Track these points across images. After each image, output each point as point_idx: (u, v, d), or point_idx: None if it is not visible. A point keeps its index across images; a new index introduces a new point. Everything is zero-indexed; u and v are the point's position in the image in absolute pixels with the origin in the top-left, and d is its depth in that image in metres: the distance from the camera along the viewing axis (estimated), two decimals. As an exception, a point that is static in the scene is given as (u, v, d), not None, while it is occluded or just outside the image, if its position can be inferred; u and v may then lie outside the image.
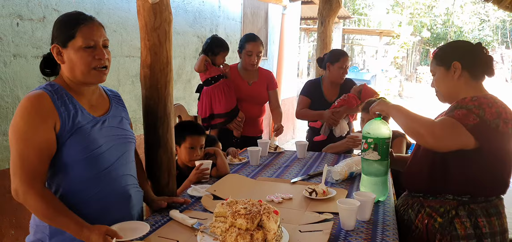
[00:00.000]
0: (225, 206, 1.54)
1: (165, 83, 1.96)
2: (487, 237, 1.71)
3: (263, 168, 2.57)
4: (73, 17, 1.55)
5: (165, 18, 1.90)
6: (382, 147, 1.87)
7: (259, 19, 6.62)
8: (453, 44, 1.93)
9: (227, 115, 3.19)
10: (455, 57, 1.79)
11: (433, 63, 1.89)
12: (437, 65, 1.86)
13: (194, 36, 4.60)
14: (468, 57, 1.79)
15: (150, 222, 1.70)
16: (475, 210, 1.72)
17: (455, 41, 1.98)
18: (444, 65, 1.82)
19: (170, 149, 2.03)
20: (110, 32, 3.33)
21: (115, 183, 1.64)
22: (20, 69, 2.56)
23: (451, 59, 1.79)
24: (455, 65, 1.78)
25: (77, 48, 1.52)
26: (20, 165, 1.47)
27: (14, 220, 2.59)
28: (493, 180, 1.74)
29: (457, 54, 1.80)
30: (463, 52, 1.81)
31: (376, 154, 1.88)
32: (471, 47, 1.82)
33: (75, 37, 1.52)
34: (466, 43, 1.88)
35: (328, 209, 1.81)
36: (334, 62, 3.30)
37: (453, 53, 1.82)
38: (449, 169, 1.74)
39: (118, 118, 1.72)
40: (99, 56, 1.55)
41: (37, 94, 1.50)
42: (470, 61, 1.78)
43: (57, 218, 1.49)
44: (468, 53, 1.80)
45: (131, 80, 3.60)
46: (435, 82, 1.88)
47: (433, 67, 1.88)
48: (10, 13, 2.48)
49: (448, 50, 1.86)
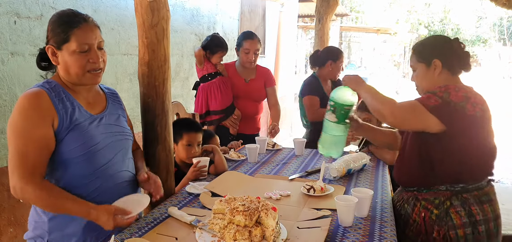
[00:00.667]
0: (224, 203, 1.54)
1: (163, 81, 1.97)
2: (481, 224, 1.77)
3: (261, 165, 2.58)
4: (67, 19, 1.53)
5: (163, 15, 1.91)
6: (340, 111, 2.04)
7: (257, 17, 6.62)
8: (432, 41, 1.96)
9: (223, 112, 3.20)
10: (435, 55, 1.85)
11: (413, 59, 1.94)
12: (417, 61, 1.91)
13: (191, 34, 4.59)
14: (447, 54, 1.85)
15: (148, 219, 1.70)
16: (468, 199, 1.78)
17: (434, 37, 2.01)
18: (425, 62, 1.88)
19: (168, 146, 2.03)
20: (108, 30, 3.33)
21: (112, 179, 1.65)
22: (17, 67, 2.56)
23: (432, 56, 1.86)
24: (435, 63, 1.85)
25: (72, 52, 1.52)
26: (19, 162, 1.47)
27: (12, 218, 2.59)
28: (478, 165, 1.80)
29: (437, 52, 1.86)
30: (442, 49, 1.87)
31: (334, 116, 2.05)
32: (450, 44, 1.88)
33: (69, 41, 1.51)
34: (445, 39, 1.93)
35: (326, 206, 1.81)
36: (337, 60, 3.39)
37: (433, 50, 1.88)
38: (434, 161, 1.80)
39: (115, 116, 1.73)
40: (93, 60, 1.55)
41: (35, 92, 1.50)
42: (449, 58, 1.85)
43: (61, 204, 1.49)
44: (448, 50, 1.86)
45: (129, 78, 3.60)
46: (416, 79, 1.94)
47: (414, 63, 1.94)
48: (8, 11, 2.48)
49: (428, 47, 1.91)
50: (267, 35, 6.98)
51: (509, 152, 7.20)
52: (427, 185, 1.85)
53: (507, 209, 4.05)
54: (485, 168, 1.83)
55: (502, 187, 5.13)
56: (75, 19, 1.53)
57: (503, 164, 6.27)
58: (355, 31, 20.00)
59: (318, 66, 3.46)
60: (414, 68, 1.94)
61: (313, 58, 3.54)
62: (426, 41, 1.98)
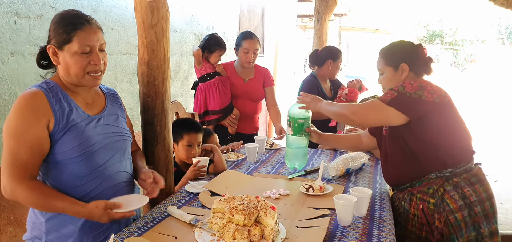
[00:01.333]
0: (223, 202, 1.55)
1: (162, 81, 1.97)
2: (476, 205, 1.83)
3: (260, 164, 2.58)
4: (70, 20, 1.53)
5: (163, 15, 1.91)
6: (294, 124, 2.33)
7: (256, 17, 6.63)
8: (399, 46, 2.06)
9: (221, 112, 3.21)
10: (402, 59, 1.99)
11: (381, 62, 2.07)
12: (385, 65, 2.04)
13: (191, 34, 4.60)
14: (413, 58, 1.99)
15: (148, 218, 1.71)
16: (459, 182, 1.85)
17: (400, 42, 2.10)
18: (393, 65, 2.02)
19: (167, 146, 2.04)
20: (107, 29, 3.33)
21: (109, 180, 1.65)
22: (17, 66, 2.56)
23: (399, 60, 1.99)
24: (402, 67, 1.99)
25: (73, 53, 1.52)
26: (10, 162, 1.48)
27: (12, 217, 2.59)
28: (457, 147, 1.89)
29: (404, 56, 2.00)
30: (409, 54, 2.00)
31: (290, 129, 2.35)
32: (415, 49, 2.02)
33: (71, 41, 1.52)
34: (410, 44, 2.06)
35: (325, 205, 1.82)
36: (336, 60, 3.44)
37: (400, 54, 2.01)
38: (415, 153, 1.89)
39: (113, 116, 1.73)
40: (94, 62, 1.55)
41: (32, 93, 1.51)
42: (415, 62, 1.99)
43: (51, 204, 1.50)
44: (414, 55, 2.00)
45: (129, 78, 3.60)
46: (384, 81, 2.07)
47: (382, 66, 2.06)
48: (8, 10, 2.48)
49: (396, 51, 2.03)
50: (266, 35, 6.99)
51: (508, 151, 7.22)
52: (418, 177, 1.91)
53: (507, 208, 4.07)
54: (465, 149, 1.92)
55: (502, 187, 5.14)
56: (78, 20, 1.53)
57: (502, 164, 6.30)
58: (354, 30, 20.00)
59: (317, 66, 3.48)
60: (382, 71, 2.07)
61: (312, 57, 3.55)
62: (394, 46, 2.08)
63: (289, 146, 2.40)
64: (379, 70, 2.09)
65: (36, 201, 1.50)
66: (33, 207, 1.54)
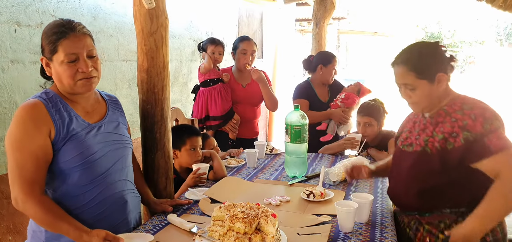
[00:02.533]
0: (223, 209, 1.54)
1: (162, 87, 1.97)
2: None
3: (260, 170, 2.58)
4: (55, 30, 1.52)
5: (162, 23, 1.91)
6: (291, 131, 2.32)
7: (255, 22, 6.64)
8: (428, 54, 1.69)
9: (222, 118, 3.22)
10: (438, 68, 1.66)
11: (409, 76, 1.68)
12: (418, 78, 1.66)
13: (190, 40, 4.61)
14: (446, 63, 1.68)
15: (148, 226, 1.71)
16: None
17: (427, 46, 1.75)
18: (428, 78, 1.66)
19: (167, 153, 2.04)
20: (107, 36, 3.33)
21: (111, 188, 1.65)
22: (17, 75, 2.57)
23: (435, 70, 1.65)
24: (439, 77, 1.66)
25: (60, 62, 1.52)
26: (18, 174, 1.48)
27: (11, 226, 2.59)
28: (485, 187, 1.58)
29: (438, 64, 1.67)
30: (441, 58, 1.68)
31: (288, 137, 2.34)
32: (441, 50, 1.69)
33: (57, 51, 1.51)
34: (436, 47, 1.71)
35: (326, 211, 1.82)
36: (327, 64, 3.36)
37: (434, 63, 1.66)
38: (437, 190, 1.67)
39: (114, 124, 1.72)
40: (82, 69, 1.53)
41: (32, 103, 1.52)
42: (448, 67, 1.68)
43: (56, 224, 1.50)
44: (445, 60, 1.68)
45: (128, 84, 3.60)
46: (418, 97, 1.69)
47: (411, 80, 1.68)
48: (8, 19, 2.48)
49: (428, 61, 1.67)
50: (265, 40, 7.00)
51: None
52: (429, 210, 1.71)
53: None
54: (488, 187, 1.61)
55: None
56: (61, 29, 1.52)
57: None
58: (352, 34, 20.03)
59: (310, 71, 3.48)
60: (413, 86, 1.68)
61: (306, 63, 3.54)
62: (422, 54, 1.70)
63: (288, 154, 2.40)
64: (408, 86, 1.70)
65: (44, 219, 1.50)
66: (39, 223, 1.54)
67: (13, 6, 2.52)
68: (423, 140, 1.71)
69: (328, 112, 3.31)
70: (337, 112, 3.27)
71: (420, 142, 1.72)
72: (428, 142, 1.68)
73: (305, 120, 2.34)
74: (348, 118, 3.29)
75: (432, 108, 1.73)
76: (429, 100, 1.70)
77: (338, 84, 3.50)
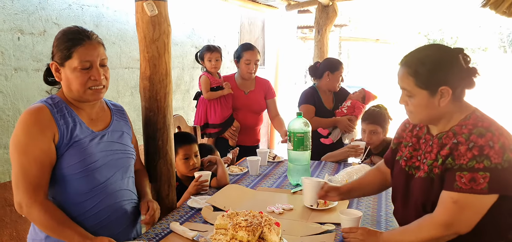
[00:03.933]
0: (226, 218, 1.53)
1: (164, 95, 1.97)
2: None
3: (263, 178, 2.57)
4: (71, 36, 1.54)
5: (164, 30, 1.92)
6: (294, 139, 2.32)
7: (256, 29, 6.66)
8: (437, 61, 1.44)
9: (221, 125, 3.22)
10: (443, 81, 1.42)
11: (409, 82, 1.47)
12: (417, 86, 1.45)
13: (192, 47, 4.62)
14: (456, 78, 1.43)
15: (150, 234, 1.70)
16: None
17: (436, 50, 1.49)
18: (429, 89, 1.44)
19: (169, 161, 2.03)
20: (109, 44, 3.34)
21: (111, 197, 1.64)
22: (21, 82, 2.57)
23: (438, 83, 1.42)
24: (442, 91, 1.42)
25: (73, 69, 1.53)
26: (22, 178, 1.48)
27: (14, 233, 2.58)
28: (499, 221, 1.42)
29: (445, 76, 1.42)
30: (451, 71, 1.42)
31: (290, 144, 2.34)
32: (457, 61, 1.43)
33: (71, 57, 1.52)
34: (449, 54, 1.45)
35: (329, 220, 1.80)
36: (334, 71, 3.33)
37: (439, 74, 1.42)
38: None
39: (118, 133, 1.72)
40: (94, 77, 1.55)
41: (37, 108, 1.52)
42: (459, 83, 1.43)
43: (60, 230, 1.49)
44: (457, 72, 1.42)
45: (130, 91, 3.61)
46: (413, 107, 1.50)
47: (411, 86, 1.47)
48: (12, 27, 2.50)
49: (433, 69, 1.43)
50: (267, 47, 7.01)
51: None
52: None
53: None
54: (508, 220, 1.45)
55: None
56: (78, 36, 1.54)
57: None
58: (355, 41, 20.07)
59: (317, 78, 3.46)
60: (411, 93, 1.48)
61: (312, 70, 3.53)
62: (428, 58, 1.45)
63: (291, 162, 2.39)
64: (406, 91, 1.50)
65: (48, 224, 1.49)
66: (42, 229, 1.53)
67: (16, 14, 2.54)
68: (427, 165, 1.49)
69: (334, 120, 3.30)
70: (343, 121, 3.25)
71: (424, 167, 1.51)
72: (433, 167, 1.47)
73: (308, 127, 2.33)
74: (353, 127, 3.28)
75: (433, 122, 1.52)
76: (427, 114, 1.48)
77: (343, 91, 3.47)
